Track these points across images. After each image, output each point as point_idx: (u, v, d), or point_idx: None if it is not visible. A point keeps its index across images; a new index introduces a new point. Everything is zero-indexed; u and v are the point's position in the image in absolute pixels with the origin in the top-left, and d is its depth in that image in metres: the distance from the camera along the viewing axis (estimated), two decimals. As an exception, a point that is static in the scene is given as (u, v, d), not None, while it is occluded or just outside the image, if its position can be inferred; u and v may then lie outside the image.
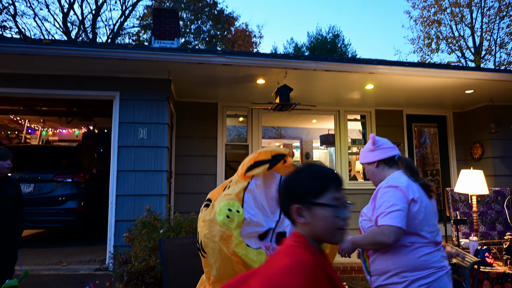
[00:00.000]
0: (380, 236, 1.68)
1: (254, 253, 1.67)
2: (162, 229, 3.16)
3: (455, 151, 7.19)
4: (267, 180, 1.84)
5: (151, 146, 4.95)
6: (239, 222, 1.67)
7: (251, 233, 1.72)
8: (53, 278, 4.30)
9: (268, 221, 1.78)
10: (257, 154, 1.78)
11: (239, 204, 1.72)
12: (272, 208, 1.82)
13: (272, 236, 1.76)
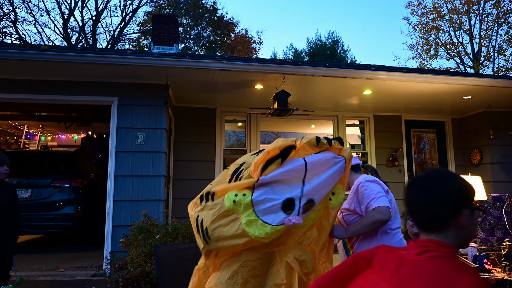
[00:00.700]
0: (378, 215, 1.91)
1: (271, 230, 1.74)
2: (158, 235, 3.14)
3: (453, 156, 7.19)
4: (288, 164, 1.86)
5: (149, 151, 4.94)
6: (247, 204, 1.76)
7: (267, 209, 1.77)
8: (49, 284, 4.26)
9: (287, 192, 1.80)
10: (267, 154, 1.81)
11: (248, 191, 1.79)
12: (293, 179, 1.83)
13: (299, 207, 1.79)
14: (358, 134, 8.40)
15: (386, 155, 6.85)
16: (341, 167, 1.88)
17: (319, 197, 1.84)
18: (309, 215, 1.85)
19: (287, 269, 1.82)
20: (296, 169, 1.83)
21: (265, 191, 1.80)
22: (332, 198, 1.91)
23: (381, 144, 6.88)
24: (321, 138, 1.88)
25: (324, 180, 1.84)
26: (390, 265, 1.03)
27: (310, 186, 1.82)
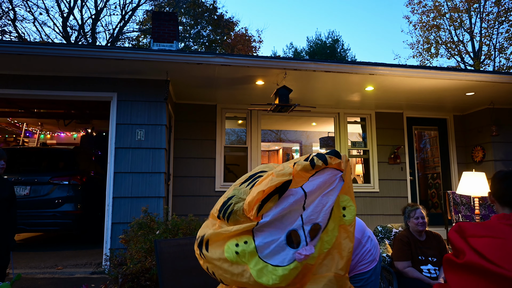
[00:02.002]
0: None
1: (284, 272, 1.58)
2: (158, 231, 3.09)
3: (456, 154, 7.14)
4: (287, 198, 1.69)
5: (149, 148, 4.88)
6: (251, 252, 1.60)
7: (273, 250, 1.61)
8: (47, 281, 4.20)
9: (287, 226, 1.64)
10: (262, 194, 1.62)
11: (248, 236, 1.63)
12: (291, 213, 1.68)
13: (305, 236, 1.63)
14: (359, 132, 8.35)
15: (388, 152, 6.79)
16: (338, 182, 1.75)
17: (323, 218, 1.68)
18: (322, 239, 1.69)
19: None
20: (297, 201, 1.67)
21: (267, 233, 1.63)
22: (345, 213, 1.78)
23: (383, 141, 6.83)
24: (315, 160, 1.71)
25: (321, 199, 1.70)
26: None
27: (308, 211, 1.66)
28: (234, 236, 1.63)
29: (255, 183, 1.72)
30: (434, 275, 3.17)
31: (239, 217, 1.65)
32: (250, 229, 1.62)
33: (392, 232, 3.79)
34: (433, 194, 7.43)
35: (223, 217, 1.68)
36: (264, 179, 1.68)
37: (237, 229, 1.61)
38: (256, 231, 1.61)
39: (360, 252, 2.20)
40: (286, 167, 1.69)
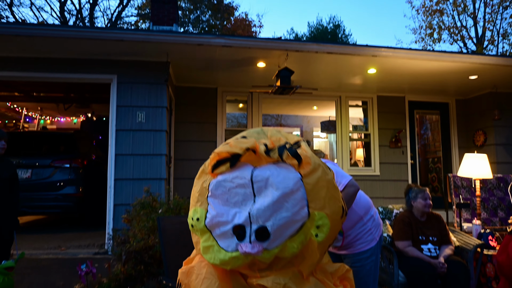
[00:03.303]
0: (352, 188, 2.08)
1: (225, 257, 1.62)
2: (161, 209, 3.10)
3: (457, 138, 7.13)
4: (236, 170, 1.70)
5: (150, 130, 4.86)
6: (202, 229, 1.70)
7: (222, 234, 1.65)
8: (52, 261, 4.25)
9: (238, 214, 1.64)
10: (216, 156, 1.69)
11: (202, 210, 1.72)
12: (241, 198, 1.66)
13: (250, 234, 1.59)
14: (360, 117, 8.32)
15: (389, 136, 6.78)
16: (297, 185, 1.61)
17: (274, 224, 1.58)
18: (287, 246, 1.62)
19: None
20: (243, 182, 1.64)
21: (216, 212, 1.66)
22: (318, 233, 1.63)
23: (384, 125, 6.81)
24: (271, 152, 1.65)
25: (272, 203, 1.58)
26: None
27: (255, 210, 1.60)
28: (194, 203, 1.75)
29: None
30: (434, 254, 3.20)
31: (205, 167, 1.76)
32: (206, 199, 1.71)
33: (393, 213, 3.82)
34: (433, 178, 7.45)
35: (202, 166, 1.80)
36: (224, 144, 1.73)
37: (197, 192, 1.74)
38: (209, 197, 1.70)
39: (359, 230, 2.21)
40: (248, 142, 1.69)
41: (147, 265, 2.77)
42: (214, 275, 1.71)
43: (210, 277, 1.71)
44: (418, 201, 3.35)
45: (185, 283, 1.83)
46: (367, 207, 2.26)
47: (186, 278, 1.83)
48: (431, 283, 2.97)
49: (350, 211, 2.14)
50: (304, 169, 1.64)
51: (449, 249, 3.23)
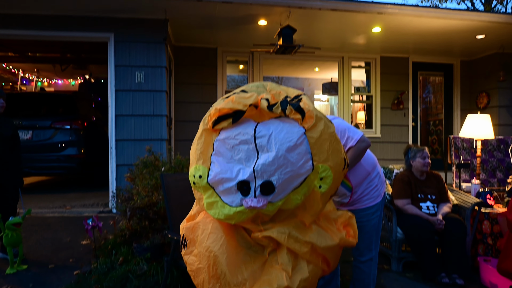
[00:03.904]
0: (363, 144, 2.11)
1: (230, 211, 1.66)
2: (163, 168, 3.13)
3: (460, 100, 7.06)
4: (239, 126, 1.69)
5: (149, 90, 4.80)
6: (204, 186, 1.72)
7: (225, 190, 1.67)
8: (57, 219, 4.35)
9: (242, 171, 1.65)
10: (217, 112, 1.66)
11: (204, 167, 1.71)
12: (245, 155, 1.67)
13: (255, 189, 1.62)
14: (362, 80, 8.19)
15: (392, 98, 6.71)
16: (301, 139, 1.62)
17: (279, 179, 1.60)
18: (291, 199, 1.66)
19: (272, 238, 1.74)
20: (245, 138, 1.63)
21: (220, 169, 1.66)
22: (321, 184, 1.67)
23: (387, 86, 6.72)
24: (274, 107, 1.63)
25: (276, 158, 1.58)
26: None
27: (260, 165, 1.60)
28: (195, 160, 1.74)
29: (225, 100, 1.72)
30: (433, 212, 3.27)
31: (203, 122, 1.74)
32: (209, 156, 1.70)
33: (394, 172, 3.85)
34: (433, 140, 7.47)
35: (202, 122, 1.77)
36: (230, 98, 1.69)
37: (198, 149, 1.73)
38: (213, 155, 1.70)
39: (366, 186, 2.23)
40: (251, 97, 1.67)
41: (152, 221, 2.83)
42: (219, 229, 1.75)
43: (216, 232, 1.75)
44: (417, 160, 3.37)
45: (191, 238, 1.88)
46: (374, 164, 2.28)
47: (192, 233, 1.87)
48: (428, 239, 3.05)
49: (358, 167, 2.16)
50: (307, 123, 1.65)
51: (447, 207, 3.29)
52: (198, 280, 1.81)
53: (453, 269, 2.98)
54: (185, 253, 1.89)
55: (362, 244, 2.22)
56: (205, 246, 1.73)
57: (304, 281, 1.68)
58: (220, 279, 1.70)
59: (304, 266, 1.71)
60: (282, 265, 1.70)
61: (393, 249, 3.25)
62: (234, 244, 1.77)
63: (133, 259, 2.78)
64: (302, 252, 1.70)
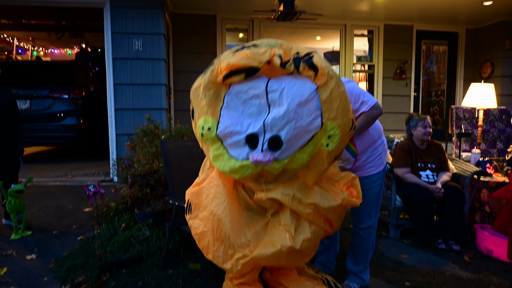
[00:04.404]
0: (376, 111, 2.07)
1: (235, 165, 1.68)
2: (163, 136, 3.11)
3: (463, 70, 6.95)
4: (250, 81, 1.67)
5: (148, 59, 4.70)
6: (213, 139, 1.71)
7: (233, 143, 1.68)
8: (59, 188, 4.39)
9: (252, 124, 1.66)
10: (229, 67, 1.61)
11: (213, 120, 1.70)
12: (256, 110, 1.67)
13: (263, 143, 1.64)
14: (364, 49, 8.02)
15: (394, 67, 6.60)
16: (312, 95, 1.63)
17: (287, 134, 1.61)
18: (296, 157, 1.68)
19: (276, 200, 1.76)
20: (257, 92, 1.63)
21: (230, 122, 1.66)
22: (328, 142, 1.69)
23: (390, 56, 6.59)
24: (287, 64, 1.62)
25: (287, 112, 1.59)
26: None
27: (270, 119, 1.61)
28: (203, 113, 1.72)
29: (238, 53, 1.69)
30: (432, 180, 3.29)
31: (210, 74, 1.69)
32: (219, 109, 1.69)
33: (394, 142, 3.84)
34: (435, 111, 7.42)
35: (204, 71, 1.74)
36: (240, 54, 1.65)
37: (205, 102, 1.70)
38: (223, 109, 1.69)
39: (371, 153, 2.21)
40: (265, 54, 1.64)
41: (153, 188, 2.85)
42: (223, 194, 1.77)
43: (219, 196, 1.77)
44: (418, 129, 3.35)
45: (195, 202, 1.90)
46: (380, 132, 2.27)
47: (196, 198, 1.90)
48: (427, 206, 3.09)
49: (366, 133, 2.15)
50: (319, 80, 1.66)
51: (446, 176, 3.30)
52: (203, 243, 1.85)
53: (450, 235, 3.03)
54: (190, 217, 1.92)
55: (362, 212, 2.24)
56: (209, 210, 1.77)
57: (307, 241, 1.72)
58: (224, 241, 1.74)
59: (307, 227, 1.74)
60: (285, 226, 1.73)
61: (392, 216, 3.29)
62: (237, 207, 1.80)
63: (135, 225, 2.82)
64: (306, 213, 1.73)
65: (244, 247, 1.74)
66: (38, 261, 2.60)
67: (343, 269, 2.42)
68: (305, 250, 1.73)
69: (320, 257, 2.51)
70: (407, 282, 2.41)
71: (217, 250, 1.78)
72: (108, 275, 2.35)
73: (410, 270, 2.58)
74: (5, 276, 2.40)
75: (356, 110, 2.03)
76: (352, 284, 2.30)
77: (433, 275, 2.52)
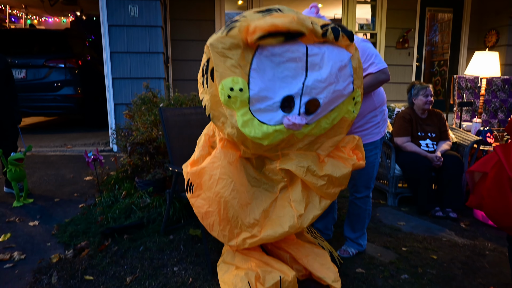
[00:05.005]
0: (384, 75, 2.06)
1: (268, 130, 1.62)
2: (162, 104, 3.07)
3: (467, 39, 6.79)
4: (286, 45, 1.62)
5: (144, 26, 4.57)
6: (243, 101, 1.59)
7: (265, 108, 1.62)
8: (59, 158, 4.40)
9: (285, 89, 1.63)
10: (273, 27, 1.53)
11: (244, 81, 1.59)
12: (291, 73, 1.64)
13: (300, 106, 1.63)
14: (366, 18, 7.80)
15: (397, 36, 6.44)
16: (348, 61, 1.72)
17: (326, 97, 1.65)
18: (320, 123, 1.70)
19: (288, 171, 1.78)
20: (295, 55, 1.61)
21: (263, 84, 1.59)
22: (354, 109, 1.82)
23: (393, 24, 6.41)
24: (328, 32, 1.66)
25: (329, 75, 1.63)
26: None
27: (311, 81, 1.61)
28: (230, 72, 1.59)
29: (272, 15, 1.63)
30: (432, 149, 3.29)
31: (237, 33, 1.60)
32: (247, 70, 1.59)
33: (395, 111, 3.81)
34: (437, 81, 7.32)
35: (225, 29, 1.65)
36: (284, 16, 1.59)
37: (234, 62, 1.59)
38: (252, 70, 1.60)
39: (368, 120, 2.18)
40: (306, 20, 1.61)
41: (152, 156, 2.85)
42: (228, 175, 1.76)
43: (225, 178, 1.75)
44: (419, 98, 3.32)
45: (197, 182, 1.87)
46: (383, 101, 2.23)
47: (198, 178, 1.87)
48: (425, 175, 3.11)
49: (368, 98, 2.12)
50: (350, 49, 1.76)
51: (446, 145, 3.30)
52: (207, 222, 1.85)
53: (448, 203, 3.07)
54: (191, 196, 1.91)
55: (358, 181, 2.25)
56: (215, 192, 1.75)
57: (317, 217, 1.81)
58: (231, 221, 1.76)
59: (317, 203, 1.80)
60: (295, 202, 1.76)
61: (390, 185, 3.32)
62: (245, 185, 1.80)
63: (135, 193, 2.84)
64: (319, 185, 1.76)
65: (253, 227, 1.77)
66: (41, 227, 2.64)
67: (342, 235, 2.46)
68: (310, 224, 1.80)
69: (318, 224, 2.54)
70: (404, 248, 2.46)
71: (223, 229, 1.80)
72: (110, 240, 2.39)
73: (407, 236, 2.63)
74: (9, 241, 2.44)
75: (364, 70, 2.02)
76: (350, 249, 2.34)
77: (430, 241, 2.57)
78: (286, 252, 2.02)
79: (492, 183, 1.62)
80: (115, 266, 2.13)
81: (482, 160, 1.80)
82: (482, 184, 1.77)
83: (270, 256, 2.01)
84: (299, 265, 1.97)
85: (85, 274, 2.05)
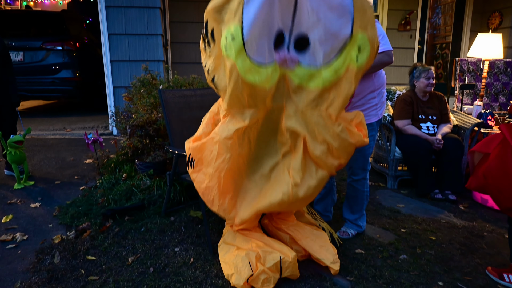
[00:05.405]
0: (387, 57, 2.05)
1: (268, 72, 1.63)
2: (161, 86, 3.05)
3: (470, 21, 6.69)
4: None
5: (142, 7, 4.49)
6: (239, 49, 1.58)
7: (258, 45, 1.59)
8: (59, 141, 4.39)
9: (277, 23, 1.60)
10: None
11: (236, 26, 1.57)
12: (282, 8, 1.59)
13: (289, 42, 1.61)
14: None
15: (399, 18, 6.34)
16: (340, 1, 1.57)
17: (316, 35, 1.57)
18: (321, 73, 1.63)
19: (293, 133, 1.74)
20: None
21: (253, 16, 1.54)
22: (358, 56, 1.62)
23: (395, 5, 6.30)
24: None
25: (318, 7, 1.53)
26: None
27: (300, 14, 1.55)
28: (230, 20, 1.59)
29: None
30: (432, 132, 3.28)
31: None
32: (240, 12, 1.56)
33: (396, 94, 3.78)
34: (438, 65, 7.25)
35: None
36: None
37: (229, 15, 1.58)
38: (244, 7, 1.55)
39: (365, 101, 2.17)
40: None
41: (152, 139, 2.84)
42: (226, 150, 1.76)
43: (223, 153, 1.77)
44: (421, 80, 3.28)
45: (198, 157, 1.90)
46: (382, 84, 2.21)
47: (199, 153, 1.89)
48: (425, 157, 3.11)
49: (367, 79, 2.10)
50: None
51: (447, 127, 3.29)
52: (208, 197, 1.87)
53: (447, 186, 3.08)
54: (192, 171, 1.92)
55: (355, 163, 2.25)
56: (215, 167, 1.77)
57: (312, 188, 1.75)
58: (230, 193, 1.80)
59: (313, 172, 1.76)
60: (293, 171, 1.74)
61: (390, 168, 3.32)
62: (244, 157, 1.80)
63: (136, 175, 2.85)
64: (320, 151, 1.72)
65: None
66: (42, 209, 2.66)
67: (341, 217, 2.48)
68: (307, 197, 1.76)
69: (317, 206, 2.56)
70: (403, 229, 2.48)
71: (222, 204, 1.82)
72: (111, 222, 2.41)
73: (406, 218, 2.65)
74: (11, 222, 2.46)
75: None
76: (349, 230, 2.36)
77: (428, 222, 2.59)
78: (286, 233, 2.03)
79: (496, 162, 1.61)
80: (116, 246, 2.16)
81: (484, 141, 1.78)
82: (482, 165, 1.77)
83: (270, 237, 2.03)
84: (298, 246, 1.98)
85: (87, 254, 2.07)
